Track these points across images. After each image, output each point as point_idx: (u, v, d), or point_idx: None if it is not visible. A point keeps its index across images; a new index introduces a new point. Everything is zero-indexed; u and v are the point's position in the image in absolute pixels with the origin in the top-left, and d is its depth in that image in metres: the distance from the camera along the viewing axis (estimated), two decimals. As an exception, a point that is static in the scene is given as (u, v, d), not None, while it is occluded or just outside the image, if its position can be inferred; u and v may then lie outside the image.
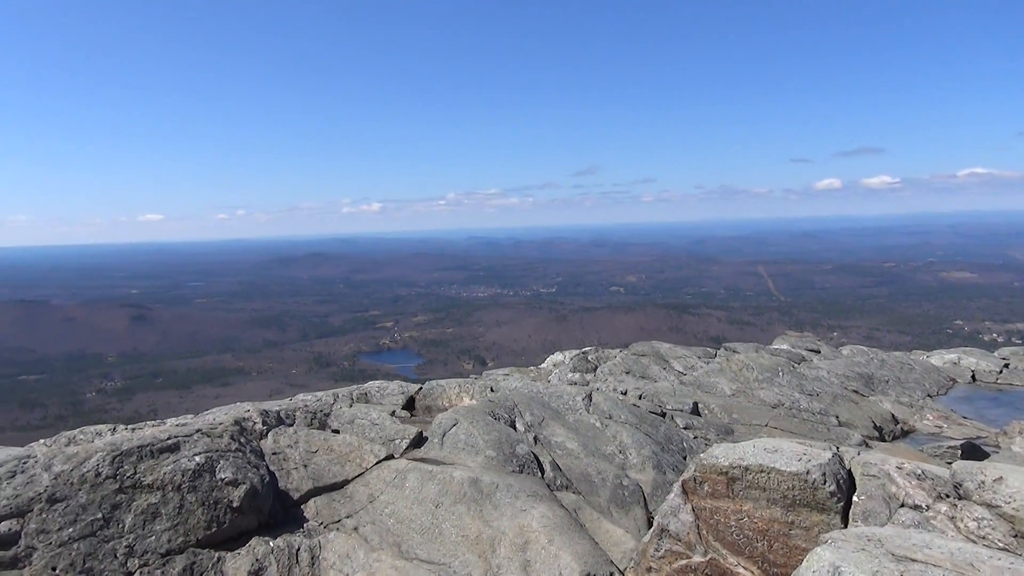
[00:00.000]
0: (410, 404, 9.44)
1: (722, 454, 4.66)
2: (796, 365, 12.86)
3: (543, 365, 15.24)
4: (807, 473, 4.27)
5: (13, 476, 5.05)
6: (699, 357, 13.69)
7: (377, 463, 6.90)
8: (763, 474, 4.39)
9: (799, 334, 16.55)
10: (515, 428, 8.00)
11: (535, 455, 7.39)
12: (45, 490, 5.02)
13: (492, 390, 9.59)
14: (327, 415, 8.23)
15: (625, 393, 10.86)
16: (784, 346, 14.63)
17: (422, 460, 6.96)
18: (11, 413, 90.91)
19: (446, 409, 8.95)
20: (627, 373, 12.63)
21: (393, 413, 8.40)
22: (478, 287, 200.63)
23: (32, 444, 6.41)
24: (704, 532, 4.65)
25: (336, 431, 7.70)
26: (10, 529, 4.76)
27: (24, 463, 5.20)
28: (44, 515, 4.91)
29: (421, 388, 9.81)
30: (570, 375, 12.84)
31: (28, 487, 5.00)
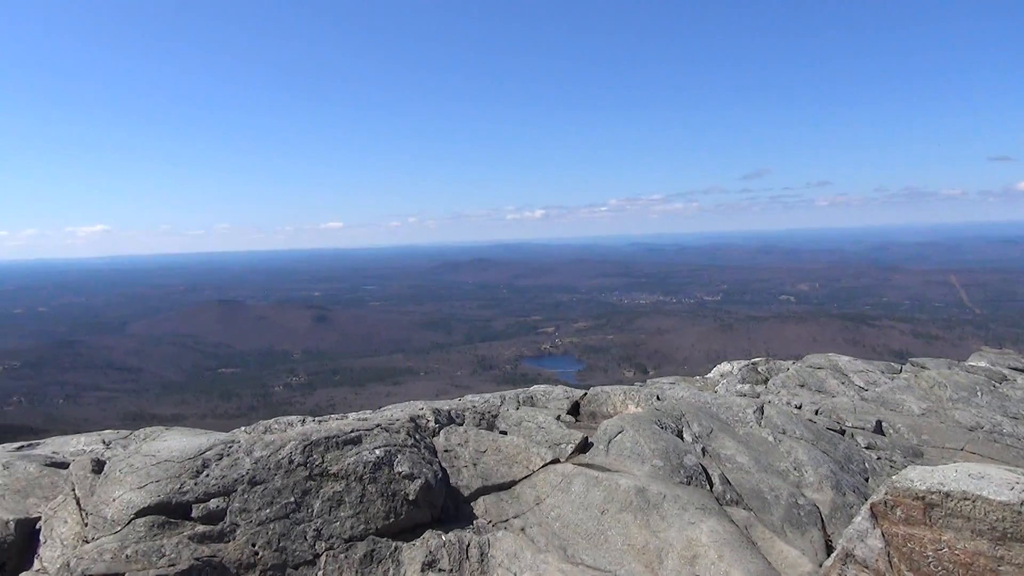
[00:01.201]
0: (575, 409, 9.49)
1: (918, 477, 4.30)
2: (997, 384, 11.66)
3: (709, 375, 14.79)
4: (1021, 504, 3.85)
5: (221, 458, 5.58)
6: (882, 372, 12.72)
7: (543, 466, 6.98)
8: (967, 502, 4.00)
9: (998, 351, 14.96)
10: (682, 438, 7.82)
11: (703, 467, 7.18)
12: (247, 473, 5.51)
13: (658, 398, 9.44)
14: (495, 416, 8.45)
15: (800, 407, 10.31)
16: (982, 363, 13.29)
17: (587, 466, 6.96)
18: (212, 402, 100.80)
19: (611, 416, 8.91)
20: (801, 386, 11.99)
21: (558, 417, 8.48)
22: (640, 294, 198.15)
23: (235, 430, 7.08)
24: (896, 561, 4.31)
25: (504, 432, 7.88)
26: (218, 506, 5.26)
27: (229, 447, 5.72)
28: (246, 496, 5.39)
29: (586, 394, 9.82)
30: (739, 386, 12.38)
31: (233, 469, 5.51)
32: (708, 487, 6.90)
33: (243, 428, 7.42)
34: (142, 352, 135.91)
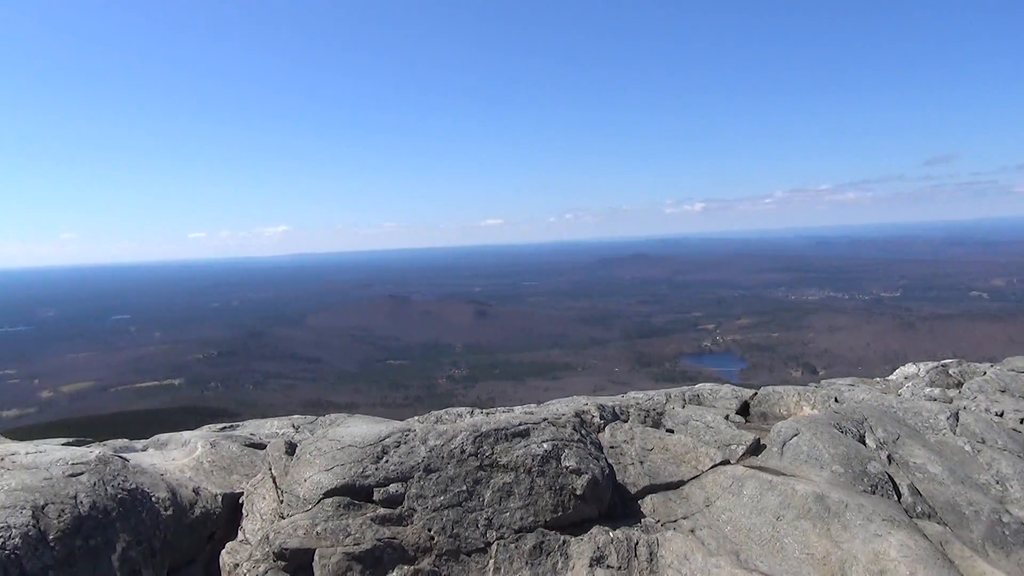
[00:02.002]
0: (744, 409, 9.15)
1: None
2: None
3: (891, 377, 13.74)
4: None
5: (398, 446, 5.87)
6: (1102, 378, 11.26)
7: (712, 467, 6.78)
8: None
9: None
10: (865, 444, 7.32)
11: (889, 476, 6.69)
12: (422, 460, 5.76)
13: (836, 400, 8.90)
14: (660, 414, 8.31)
15: (1001, 415, 9.34)
16: None
17: (760, 468, 6.69)
18: (382, 391, 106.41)
19: (783, 417, 8.51)
20: (1002, 392, 10.84)
21: (727, 417, 8.21)
22: (808, 289, 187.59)
23: (409, 419, 7.42)
24: None
25: (670, 431, 7.74)
26: (396, 491, 5.54)
27: (406, 435, 6.01)
28: (422, 482, 5.63)
29: (756, 393, 9.44)
30: (927, 390, 11.39)
31: (410, 456, 5.78)
32: (895, 497, 6.42)
33: (417, 417, 7.77)
34: (320, 343, 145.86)
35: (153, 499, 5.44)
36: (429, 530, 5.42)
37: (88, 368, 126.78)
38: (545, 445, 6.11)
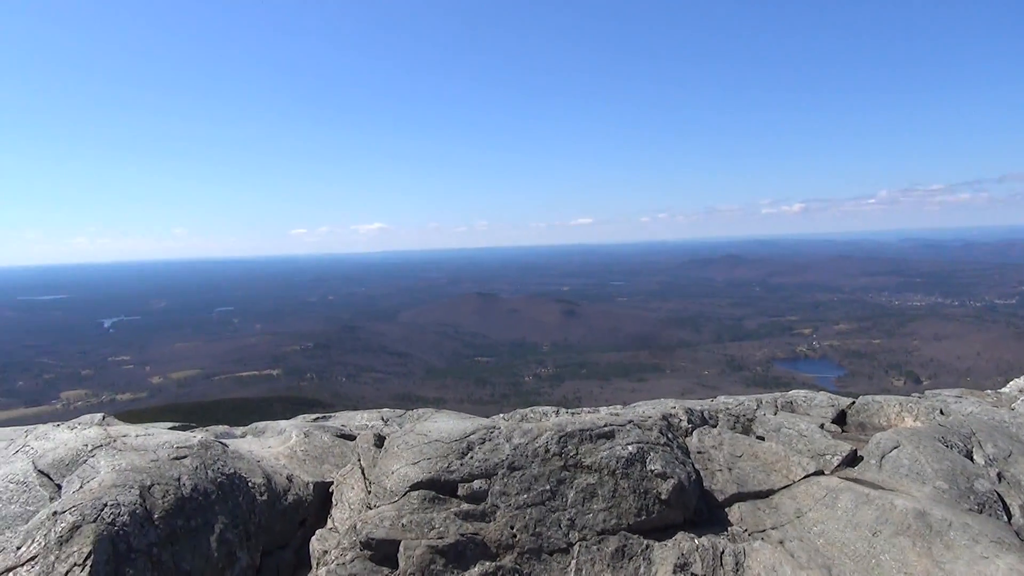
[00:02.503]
0: (840, 418, 8.78)
1: None
2: None
3: (1004, 389, 12.90)
4: None
5: (483, 443, 5.92)
6: None
7: (805, 477, 6.54)
8: None
9: None
10: (972, 460, 6.90)
11: (999, 495, 6.28)
12: (507, 458, 5.79)
13: (941, 412, 8.42)
14: (751, 420, 8.08)
15: None
16: None
17: (856, 481, 6.40)
18: (468, 388, 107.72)
19: (883, 428, 8.13)
20: None
21: (822, 426, 7.90)
22: (914, 295, 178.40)
23: (494, 417, 7.47)
24: None
25: (761, 438, 7.51)
26: (480, 487, 5.59)
27: (491, 432, 6.06)
28: (506, 480, 5.67)
29: (854, 402, 9.04)
30: (1044, 405, 10.65)
31: (494, 453, 5.83)
32: (1005, 518, 6.02)
33: (502, 415, 7.82)
34: (410, 339, 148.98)
35: (250, 484, 5.68)
36: (512, 528, 5.45)
37: (194, 356, 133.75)
38: (630, 448, 6.04)
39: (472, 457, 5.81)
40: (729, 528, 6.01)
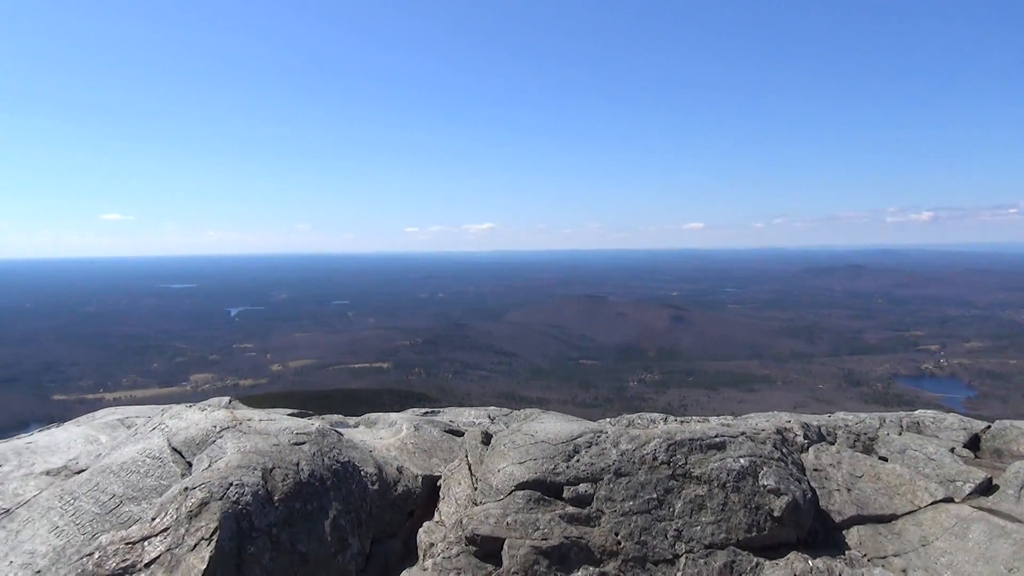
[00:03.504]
0: (973, 443, 8.18)
1: None
2: None
3: None
4: None
5: (590, 446, 5.89)
6: None
7: (932, 503, 6.13)
8: None
9: None
10: None
11: None
12: (613, 463, 5.73)
13: (1091, 443, 7.70)
14: (872, 439, 7.66)
15: None
16: None
17: (990, 511, 5.95)
18: (573, 390, 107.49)
19: (1023, 456, 7.51)
20: None
21: (952, 450, 7.39)
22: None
23: (601, 421, 7.42)
24: None
25: (883, 459, 7.10)
26: (586, 491, 5.56)
27: (598, 436, 6.01)
28: (611, 485, 5.61)
29: (990, 426, 8.41)
30: None
31: (600, 458, 5.78)
32: None
33: (608, 419, 7.75)
34: (516, 338, 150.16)
35: (362, 473, 5.87)
36: (616, 534, 5.39)
37: (311, 347, 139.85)
38: (742, 460, 5.85)
39: (578, 460, 5.78)
40: (847, 552, 5.72)
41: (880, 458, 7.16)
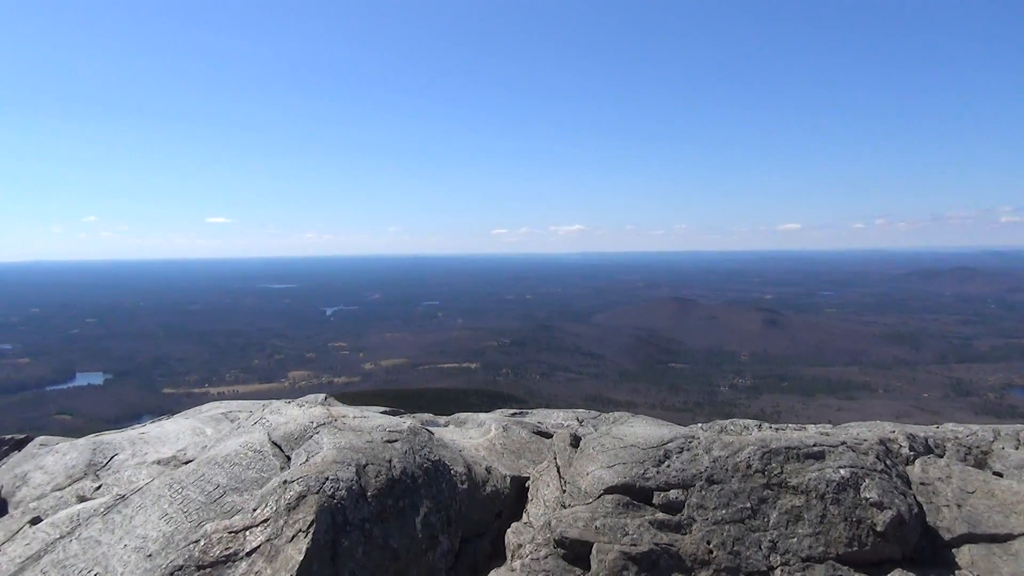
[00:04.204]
0: (1101, 460, 7.59)
1: None
2: None
3: None
4: None
5: (681, 452, 5.78)
6: None
7: (1054, 524, 5.72)
8: None
9: None
10: None
11: None
12: (705, 470, 5.61)
13: None
14: (985, 453, 7.20)
15: None
16: None
17: (1121, 535, 5.50)
18: (660, 394, 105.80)
19: None
20: None
21: (1078, 467, 6.87)
22: None
23: (692, 426, 7.26)
24: None
25: (999, 474, 6.67)
26: (676, 498, 5.46)
27: (689, 442, 5.89)
28: (703, 492, 5.49)
29: (1119, 443, 7.78)
30: None
31: (692, 464, 5.66)
32: None
33: (700, 425, 7.58)
34: (603, 340, 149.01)
35: (452, 472, 5.95)
36: (708, 543, 5.26)
37: (402, 346, 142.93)
38: (842, 471, 5.61)
39: (669, 466, 5.69)
40: (956, 572, 5.41)
41: (995, 473, 6.73)
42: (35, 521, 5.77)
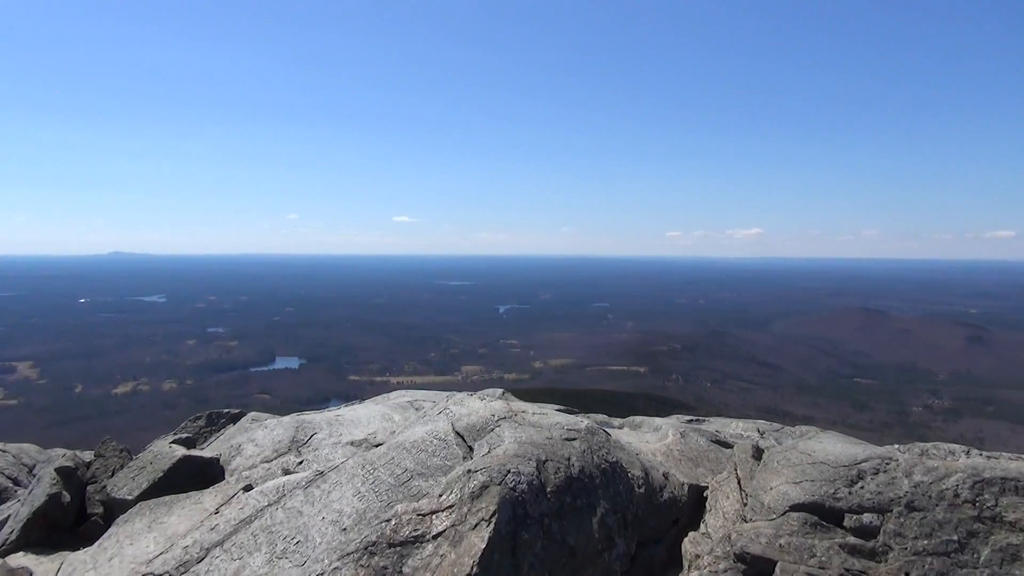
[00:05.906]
0: None
1: None
2: None
3: None
4: None
5: (877, 473, 5.40)
6: None
7: None
8: None
9: None
10: None
11: None
12: (904, 495, 5.20)
13: None
14: None
15: None
16: None
17: None
18: (843, 411, 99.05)
19: None
20: None
21: None
22: None
23: (889, 447, 6.74)
24: None
25: None
26: (870, 522, 5.10)
27: (886, 464, 5.49)
28: (902, 519, 5.09)
29: None
30: None
31: (889, 488, 5.27)
32: None
33: (898, 446, 7.02)
34: (780, 350, 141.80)
35: (629, 475, 5.92)
36: (907, 574, 4.87)
37: (570, 346, 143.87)
38: (1077, 509, 4.99)
39: (862, 487, 5.33)
40: None
41: None
42: (247, 488, 6.39)
